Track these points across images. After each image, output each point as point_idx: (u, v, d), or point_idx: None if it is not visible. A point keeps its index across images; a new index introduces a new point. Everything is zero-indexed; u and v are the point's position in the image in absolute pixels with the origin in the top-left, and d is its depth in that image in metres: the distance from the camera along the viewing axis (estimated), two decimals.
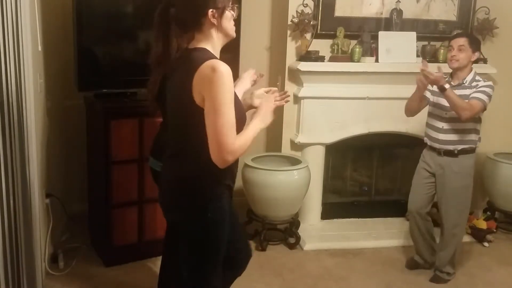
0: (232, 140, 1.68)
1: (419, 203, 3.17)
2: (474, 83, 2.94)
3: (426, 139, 3.14)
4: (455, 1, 3.89)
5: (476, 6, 3.91)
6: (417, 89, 3.01)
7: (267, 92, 2.10)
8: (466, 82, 2.96)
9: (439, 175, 3.08)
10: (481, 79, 2.96)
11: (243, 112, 1.88)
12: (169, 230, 2.29)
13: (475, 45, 2.97)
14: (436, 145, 3.04)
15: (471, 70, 2.99)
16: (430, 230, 3.23)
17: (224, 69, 1.66)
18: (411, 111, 3.16)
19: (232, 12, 1.83)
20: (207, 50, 1.79)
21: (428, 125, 3.13)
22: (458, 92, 2.90)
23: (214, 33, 1.81)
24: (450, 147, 3.00)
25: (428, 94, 3.09)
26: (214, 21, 1.77)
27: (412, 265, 3.34)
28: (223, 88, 1.65)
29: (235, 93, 1.75)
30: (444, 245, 3.14)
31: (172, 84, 1.85)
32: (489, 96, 2.89)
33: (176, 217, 1.93)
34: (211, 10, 1.76)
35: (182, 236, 1.92)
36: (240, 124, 1.78)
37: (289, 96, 2.17)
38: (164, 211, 1.99)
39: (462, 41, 2.93)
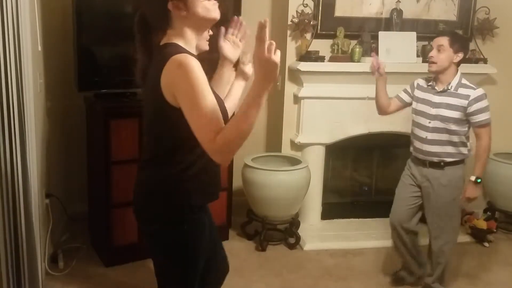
0: (214, 135, 1.47)
1: (402, 216, 2.93)
2: (460, 90, 2.69)
3: (411, 148, 2.92)
4: (455, 1, 3.89)
5: (476, 6, 3.91)
6: (376, 80, 2.91)
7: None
8: (451, 88, 2.71)
9: (424, 187, 2.84)
10: (468, 84, 2.71)
11: (222, 107, 1.68)
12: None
13: (458, 45, 2.69)
14: (421, 156, 2.82)
15: (456, 73, 2.73)
16: (415, 243, 2.99)
17: (190, 61, 1.52)
18: (380, 108, 2.99)
19: None
20: (178, 45, 1.62)
21: (412, 134, 2.90)
22: (444, 99, 2.70)
23: (185, 25, 1.63)
24: (435, 159, 2.77)
25: (405, 97, 2.93)
26: (184, 13, 1.59)
27: (397, 281, 3.10)
28: (193, 82, 1.49)
29: (213, 90, 1.60)
30: (433, 263, 2.91)
31: (146, 84, 1.70)
32: (488, 109, 2.67)
33: (151, 228, 1.77)
34: (171, 2, 1.58)
35: (157, 247, 1.78)
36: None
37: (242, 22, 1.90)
38: (137, 221, 1.84)
39: (442, 40, 2.70)
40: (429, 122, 2.75)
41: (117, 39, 3.13)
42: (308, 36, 3.69)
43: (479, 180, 2.71)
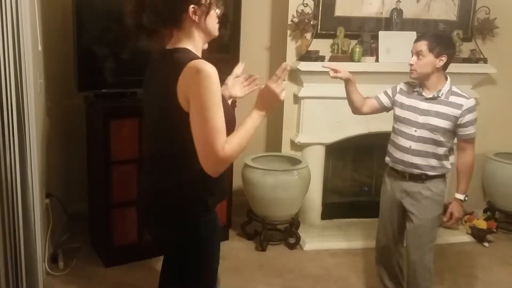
0: (221, 147, 1.53)
1: (388, 240, 2.76)
2: (452, 98, 2.47)
3: (387, 159, 2.69)
4: (455, 1, 3.89)
5: (476, 6, 3.91)
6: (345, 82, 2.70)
7: (245, 78, 1.98)
8: (442, 95, 2.48)
9: (405, 203, 2.62)
10: (460, 92, 2.50)
11: (231, 114, 1.75)
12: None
13: (439, 48, 2.45)
14: (400, 167, 2.58)
15: (444, 78, 2.52)
16: (400, 266, 2.80)
17: (209, 69, 1.53)
18: (352, 107, 2.78)
19: (217, 10, 1.70)
20: (189, 50, 1.65)
21: (392, 142, 2.65)
22: (433, 107, 2.50)
23: (195, 31, 1.67)
24: (416, 171, 2.54)
25: (384, 100, 2.73)
26: (196, 18, 1.63)
27: None
28: (209, 90, 1.52)
29: (222, 96, 1.63)
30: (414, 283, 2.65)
31: (152, 87, 1.72)
32: (476, 122, 2.51)
33: (163, 234, 1.78)
34: (192, 6, 1.61)
35: (173, 254, 1.80)
36: (230, 128, 1.64)
37: (256, 78, 1.96)
38: (146, 226, 1.83)
39: (420, 46, 2.47)
40: (415, 131, 2.53)
41: (117, 39, 3.13)
42: (308, 36, 3.69)
43: (466, 199, 2.57)
